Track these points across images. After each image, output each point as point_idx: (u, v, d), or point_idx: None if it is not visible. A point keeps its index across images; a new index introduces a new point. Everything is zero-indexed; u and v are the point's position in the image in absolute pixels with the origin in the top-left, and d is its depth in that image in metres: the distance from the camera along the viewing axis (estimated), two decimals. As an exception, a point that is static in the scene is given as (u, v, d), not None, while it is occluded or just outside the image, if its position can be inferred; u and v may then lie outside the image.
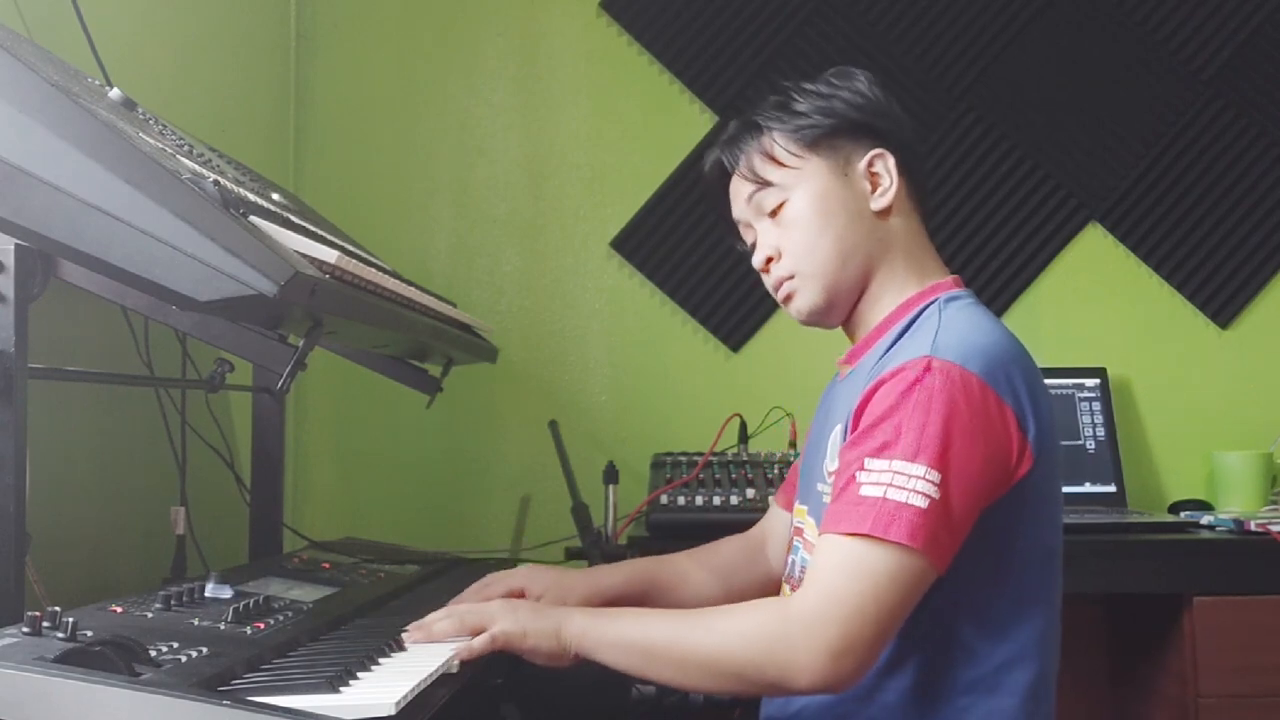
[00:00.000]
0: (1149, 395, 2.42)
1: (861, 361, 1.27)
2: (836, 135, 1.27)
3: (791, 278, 1.28)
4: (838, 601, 1.05)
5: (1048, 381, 2.28)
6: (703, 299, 2.43)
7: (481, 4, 2.49)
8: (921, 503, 1.05)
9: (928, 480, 1.06)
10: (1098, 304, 2.44)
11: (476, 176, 2.47)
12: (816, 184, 1.26)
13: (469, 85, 2.49)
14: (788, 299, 1.30)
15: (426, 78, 2.49)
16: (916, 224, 1.30)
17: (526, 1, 2.49)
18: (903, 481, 1.06)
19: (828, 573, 1.07)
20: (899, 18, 2.46)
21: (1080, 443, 2.30)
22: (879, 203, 1.26)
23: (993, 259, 2.43)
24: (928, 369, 1.10)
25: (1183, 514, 2.13)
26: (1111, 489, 2.28)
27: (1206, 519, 2.03)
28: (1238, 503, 2.22)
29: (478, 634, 1.14)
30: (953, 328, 1.15)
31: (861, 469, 1.09)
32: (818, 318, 1.30)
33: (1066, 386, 2.34)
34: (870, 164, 1.26)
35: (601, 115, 2.48)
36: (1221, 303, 2.43)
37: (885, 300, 1.27)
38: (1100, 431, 2.31)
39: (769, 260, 1.30)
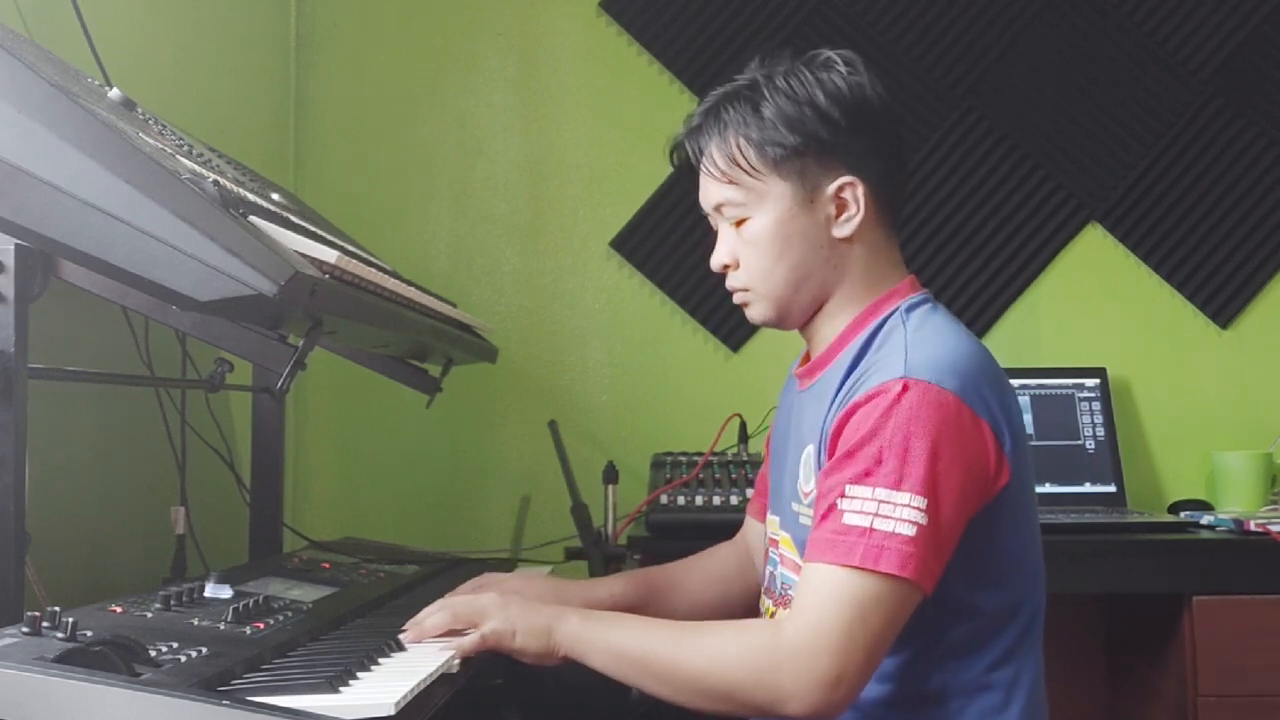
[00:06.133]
0: (1149, 395, 2.42)
1: (824, 376, 1.25)
2: (803, 156, 1.21)
3: (746, 290, 1.27)
4: (827, 632, 1.05)
5: (1048, 382, 2.34)
6: (703, 299, 2.43)
7: (481, 4, 2.49)
8: (910, 531, 1.05)
9: (913, 507, 1.05)
10: (1098, 304, 2.44)
11: (476, 176, 2.47)
12: (779, 209, 1.22)
13: (468, 85, 2.49)
14: (743, 305, 1.30)
15: (426, 78, 2.49)
16: (882, 237, 1.26)
17: (526, 1, 2.49)
18: (889, 510, 1.06)
19: (815, 602, 1.07)
20: (899, 17, 2.46)
21: (1080, 443, 2.30)
22: (842, 230, 1.23)
23: (993, 259, 2.43)
24: (905, 390, 1.09)
25: (1183, 514, 2.12)
26: (1111, 489, 2.27)
27: (1206, 519, 2.03)
28: (1238, 503, 2.22)
29: (469, 628, 1.14)
30: (922, 343, 1.14)
31: (843, 496, 1.08)
32: (771, 326, 1.30)
33: (1066, 386, 2.34)
34: (839, 190, 1.22)
35: (601, 115, 2.47)
36: (1221, 303, 2.42)
37: (844, 314, 1.26)
38: (1100, 431, 2.31)
39: (726, 266, 1.29)
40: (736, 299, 1.30)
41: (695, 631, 1.14)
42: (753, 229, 1.24)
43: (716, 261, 1.29)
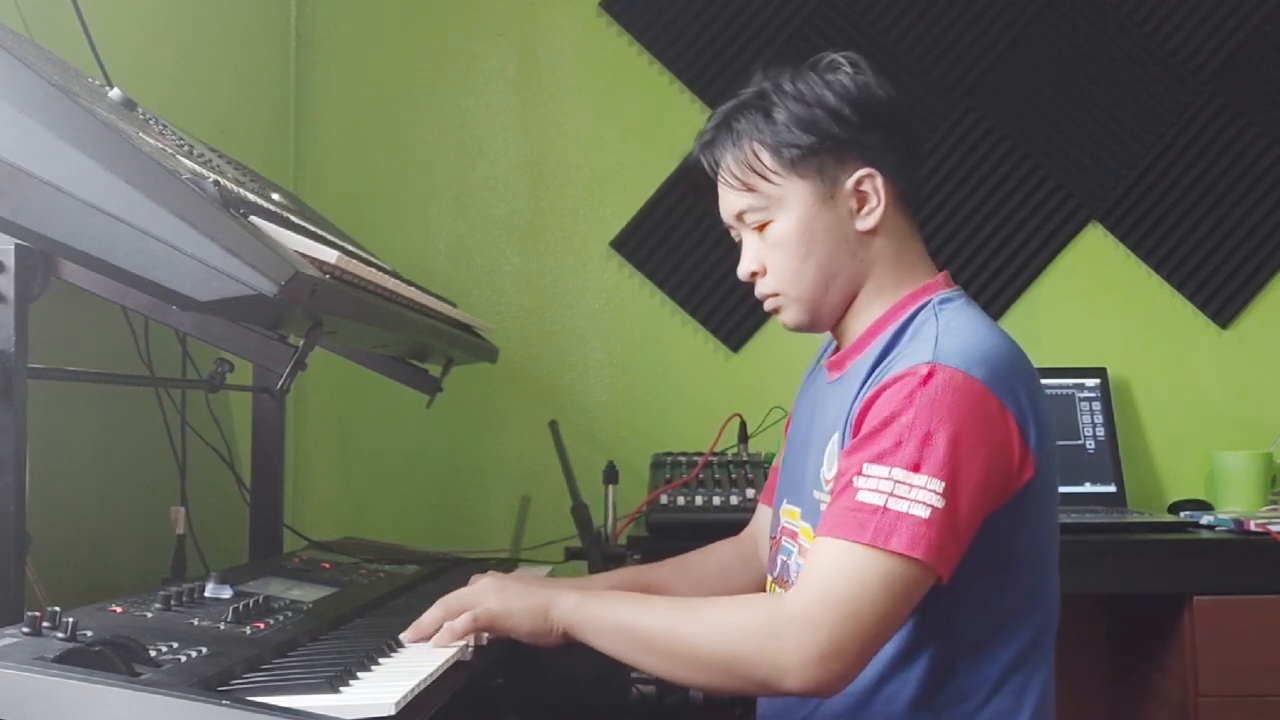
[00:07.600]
0: (1149, 395, 2.42)
1: (853, 366, 1.25)
2: (819, 154, 1.22)
3: (777, 295, 1.28)
4: (830, 605, 1.04)
5: (1048, 382, 2.33)
6: (703, 299, 2.43)
7: (481, 4, 2.49)
8: (923, 512, 1.04)
9: (930, 490, 1.05)
10: (1098, 304, 2.44)
11: (476, 176, 2.47)
12: (800, 209, 1.23)
13: (468, 85, 2.48)
14: (775, 311, 1.30)
15: (426, 78, 2.48)
16: (905, 228, 1.27)
17: (526, 1, 2.49)
18: (904, 491, 1.05)
19: (822, 575, 1.06)
20: (899, 18, 2.46)
21: (1080, 443, 2.30)
22: (865, 223, 1.23)
23: (993, 259, 2.43)
24: (931, 374, 1.08)
25: (1183, 514, 2.13)
26: (1111, 489, 2.28)
27: (1206, 519, 2.03)
28: (1238, 503, 2.22)
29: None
30: (953, 332, 1.14)
31: (860, 474, 1.08)
32: (805, 329, 1.30)
33: (1066, 386, 2.34)
34: (858, 183, 1.23)
35: (601, 115, 2.47)
36: (1221, 303, 2.42)
37: (874, 307, 1.26)
38: (1100, 431, 2.31)
39: (754, 274, 1.29)
40: (768, 305, 1.30)
41: (695, 605, 1.14)
42: (777, 231, 1.24)
43: (744, 270, 1.29)
